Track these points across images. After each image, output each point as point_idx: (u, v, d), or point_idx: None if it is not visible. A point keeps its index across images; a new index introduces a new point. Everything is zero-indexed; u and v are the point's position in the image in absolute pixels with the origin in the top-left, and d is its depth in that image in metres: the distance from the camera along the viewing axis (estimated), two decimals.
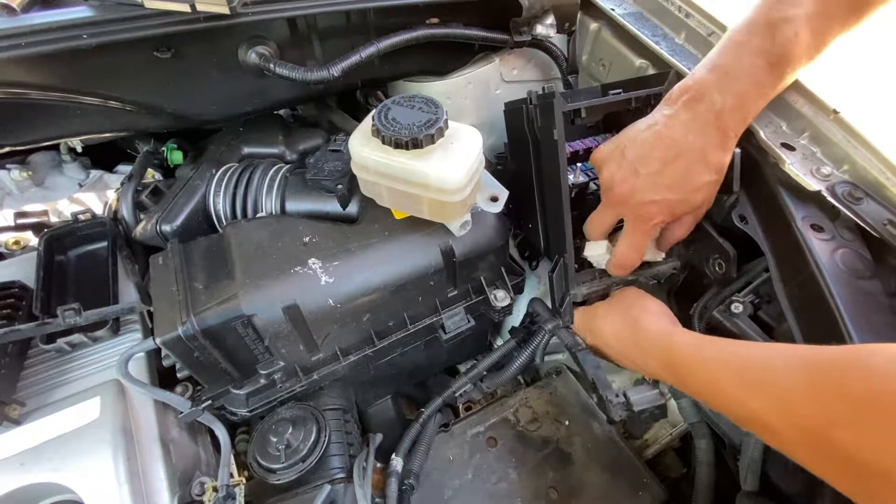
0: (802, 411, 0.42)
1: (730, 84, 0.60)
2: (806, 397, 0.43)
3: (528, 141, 0.78)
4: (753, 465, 0.78)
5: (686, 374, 0.59)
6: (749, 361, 0.51)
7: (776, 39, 0.59)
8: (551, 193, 0.76)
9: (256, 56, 0.80)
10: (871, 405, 0.38)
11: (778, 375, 0.46)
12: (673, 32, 0.85)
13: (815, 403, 0.42)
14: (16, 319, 0.75)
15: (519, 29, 0.98)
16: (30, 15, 0.62)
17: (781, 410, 0.45)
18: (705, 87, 0.62)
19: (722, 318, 0.76)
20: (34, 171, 1.25)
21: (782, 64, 0.60)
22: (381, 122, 0.62)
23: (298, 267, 0.69)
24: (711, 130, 0.61)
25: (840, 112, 0.66)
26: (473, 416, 1.01)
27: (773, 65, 0.60)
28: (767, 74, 0.61)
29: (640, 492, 0.90)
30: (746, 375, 0.50)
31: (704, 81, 0.62)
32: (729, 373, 0.52)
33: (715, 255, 0.76)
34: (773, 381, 0.46)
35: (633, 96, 0.73)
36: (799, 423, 0.43)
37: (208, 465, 0.76)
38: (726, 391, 0.52)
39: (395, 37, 0.87)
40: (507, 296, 0.83)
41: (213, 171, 0.84)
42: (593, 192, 0.76)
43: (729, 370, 0.52)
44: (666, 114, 0.64)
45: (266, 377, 0.76)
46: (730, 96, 0.60)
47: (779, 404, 0.45)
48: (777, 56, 0.60)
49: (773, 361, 0.48)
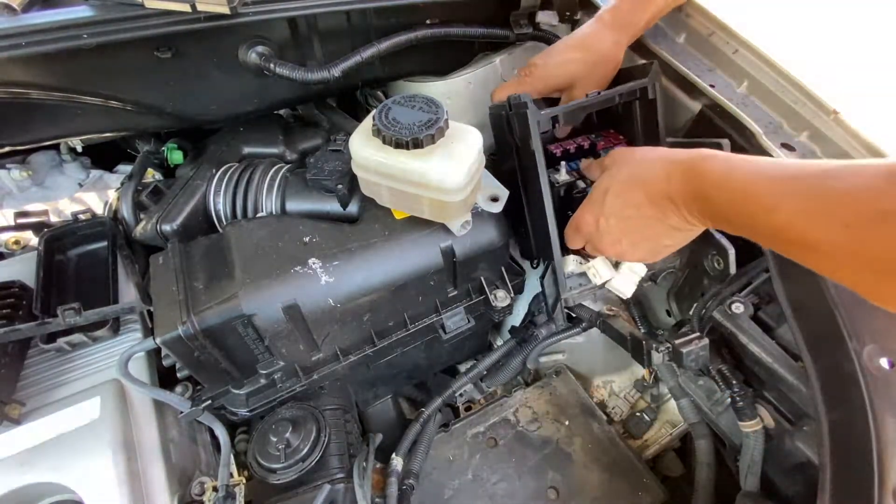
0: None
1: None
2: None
3: (511, 146, 0.78)
4: (753, 466, 0.78)
5: (719, 187, 0.51)
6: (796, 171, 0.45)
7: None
8: (534, 201, 0.75)
9: (257, 56, 0.80)
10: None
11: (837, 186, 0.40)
12: (673, 33, 0.85)
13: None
14: (16, 319, 0.75)
15: (519, 22, 0.98)
16: (30, 15, 0.62)
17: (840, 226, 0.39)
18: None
19: (722, 318, 0.76)
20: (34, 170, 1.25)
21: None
22: (382, 122, 0.62)
23: (298, 266, 0.69)
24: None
25: (840, 112, 0.66)
26: (473, 416, 1.01)
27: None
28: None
29: (640, 492, 0.90)
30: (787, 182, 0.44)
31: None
32: (767, 177, 0.46)
33: (713, 252, 0.76)
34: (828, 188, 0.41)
35: (608, 97, 0.72)
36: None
37: (208, 465, 0.76)
38: (762, 198, 0.46)
39: (395, 37, 0.87)
40: (507, 296, 0.83)
41: (213, 170, 0.84)
42: (581, 191, 0.76)
43: (767, 174, 0.47)
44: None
45: (266, 377, 0.76)
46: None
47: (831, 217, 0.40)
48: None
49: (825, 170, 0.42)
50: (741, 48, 0.77)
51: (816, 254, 0.43)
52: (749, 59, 0.76)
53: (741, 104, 0.74)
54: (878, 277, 0.39)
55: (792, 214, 0.43)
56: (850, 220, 0.39)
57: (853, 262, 0.40)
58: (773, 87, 0.73)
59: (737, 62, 0.77)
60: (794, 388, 0.70)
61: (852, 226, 0.39)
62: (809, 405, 0.67)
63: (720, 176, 0.51)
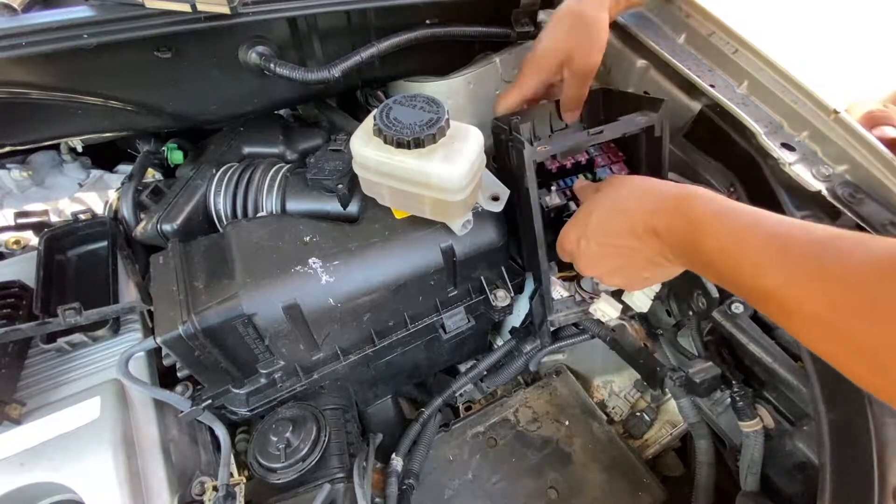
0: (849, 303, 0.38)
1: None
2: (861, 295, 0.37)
3: (508, 164, 0.77)
4: (753, 466, 0.78)
5: (706, 232, 0.49)
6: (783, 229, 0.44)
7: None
8: (526, 228, 0.74)
9: (257, 56, 0.80)
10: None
11: (828, 256, 0.40)
12: (673, 33, 0.85)
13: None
14: (16, 319, 0.75)
15: (520, 20, 0.98)
16: (30, 14, 0.62)
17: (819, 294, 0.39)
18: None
19: (722, 318, 0.76)
20: (34, 170, 1.25)
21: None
22: (383, 122, 0.62)
23: (299, 266, 0.69)
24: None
25: (840, 112, 0.66)
26: (473, 416, 1.01)
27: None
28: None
29: (640, 492, 0.90)
30: (779, 243, 0.43)
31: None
32: (759, 236, 0.45)
33: (699, 292, 0.77)
34: (815, 258, 0.40)
35: (612, 135, 0.70)
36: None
37: (208, 465, 0.76)
38: (750, 255, 0.45)
39: (395, 37, 0.87)
40: (507, 295, 0.83)
41: (213, 170, 0.84)
42: (572, 213, 0.76)
43: (760, 232, 0.45)
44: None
45: (266, 376, 0.76)
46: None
47: (816, 285, 0.40)
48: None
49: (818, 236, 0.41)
50: (741, 48, 0.77)
51: (798, 324, 0.43)
52: (749, 59, 0.76)
53: (741, 104, 0.74)
54: (856, 359, 0.39)
55: (780, 281, 0.42)
56: (837, 303, 0.39)
57: (834, 342, 0.40)
58: (773, 87, 0.73)
59: (737, 62, 0.77)
60: (794, 388, 0.70)
61: (839, 308, 0.38)
62: (809, 405, 0.67)
63: (710, 221, 0.49)
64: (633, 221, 0.57)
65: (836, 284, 0.39)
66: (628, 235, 0.57)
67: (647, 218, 0.55)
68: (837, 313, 0.38)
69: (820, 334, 0.41)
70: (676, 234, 0.52)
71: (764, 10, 0.94)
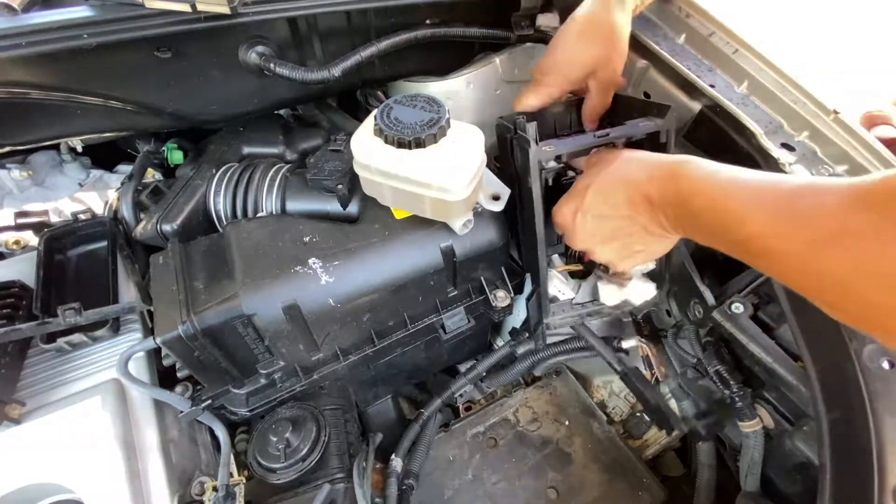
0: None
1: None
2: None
3: (512, 163, 0.76)
4: (753, 466, 0.78)
5: (695, 191, 0.51)
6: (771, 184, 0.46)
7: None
8: (527, 229, 0.74)
9: (257, 56, 0.80)
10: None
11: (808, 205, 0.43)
12: (673, 33, 0.85)
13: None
14: (16, 319, 0.75)
15: (520, 23, 0.98)
16: (30, 14, 0.62)
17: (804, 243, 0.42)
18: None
19: (722, 318, 0.76)
20: (34, 170, 1.25)
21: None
22: (384, 122, 0.62)
23: (299, 266, 0.69)
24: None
25: (840, 112, 0.66)
26: (473, 416, 1.01)
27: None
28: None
29: (640, 492, 0.90)
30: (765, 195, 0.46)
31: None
32: (743, 189, 0.47)
33: (695, 300, 0.77)
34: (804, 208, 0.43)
35: (617, 138, 0.69)
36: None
37: (208, 465, 0.76)
38: (735, 207, 0.47)
39: (395, 37, 0.87)
40: (507, 296, 0.83)
41: (213, 170, 0.84)
42: (570, 179, 0.76)
43: (744, 185, 0.48)
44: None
45: (266, 377, 0.76)
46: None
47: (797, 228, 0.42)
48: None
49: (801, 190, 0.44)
50: (741, 48, 0.77)
51: (781, 266, 0.45)
52: (749, 59, 0.76)
53: (741, 104, 0.73)
54: (829, 288, 0.42)
55: (762, 224, 0.45)
56: (812, 238, 0.42)
57: (815, 278, 0.43)
58: (773, 87, 0.73)
59: (737, 62, 0.77)
60: (794, 388, 0.70)
61: (814, 243, 0.41)
62: (809, 405, 0.67)
63: (699, 181, 0.51)
64: (630, 191, 0.58)
65: (812, 221, 0.42)
66: (625, 205, 0.59)
67: (644, 186, 0.57)
68: (813, 247, 0.42)
69: (798, 268, 0.44)
70: (669, 198, 0.54)
71: (764, 10, 0.94)
